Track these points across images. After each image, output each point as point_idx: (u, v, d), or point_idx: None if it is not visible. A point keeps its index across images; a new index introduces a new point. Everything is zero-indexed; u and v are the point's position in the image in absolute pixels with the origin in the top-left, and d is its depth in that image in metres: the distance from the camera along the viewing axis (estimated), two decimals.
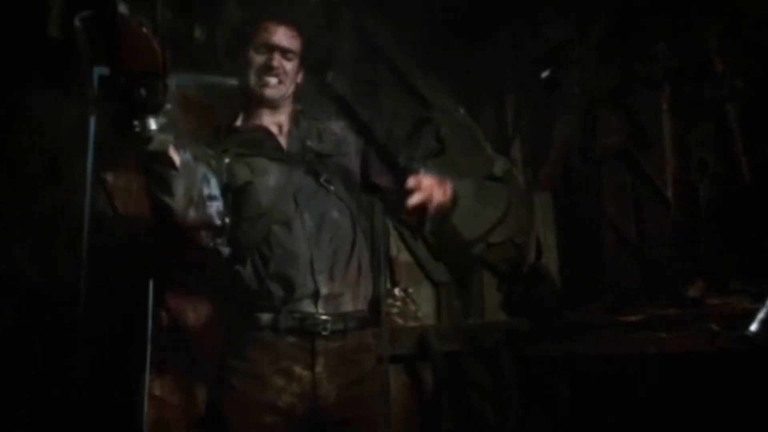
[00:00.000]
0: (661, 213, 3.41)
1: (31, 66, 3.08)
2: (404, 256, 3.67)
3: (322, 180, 1.96)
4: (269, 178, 1.95)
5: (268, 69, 2.00)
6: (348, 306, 1.91)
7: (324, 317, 1.86)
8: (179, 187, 1.71)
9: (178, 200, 1.73)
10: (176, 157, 1.66)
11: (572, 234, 3.83)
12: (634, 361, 2.85)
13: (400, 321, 3.52)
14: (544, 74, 3.87)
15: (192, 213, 1.78)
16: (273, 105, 2.06)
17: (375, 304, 3.45)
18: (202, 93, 3.36)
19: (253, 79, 2.02)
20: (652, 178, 3.43)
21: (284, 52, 2.03)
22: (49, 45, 2.68)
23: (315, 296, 1.87)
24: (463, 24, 3.80)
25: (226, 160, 1.94)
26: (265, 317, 1.89)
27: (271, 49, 2.01)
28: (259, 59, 2.02)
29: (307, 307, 1.87)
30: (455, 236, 3.66)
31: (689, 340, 2.68)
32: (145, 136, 1.46)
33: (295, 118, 2.10)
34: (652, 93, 3.42)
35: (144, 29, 1.41)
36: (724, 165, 3.19)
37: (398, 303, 3.54)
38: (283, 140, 2.05)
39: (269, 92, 2.02)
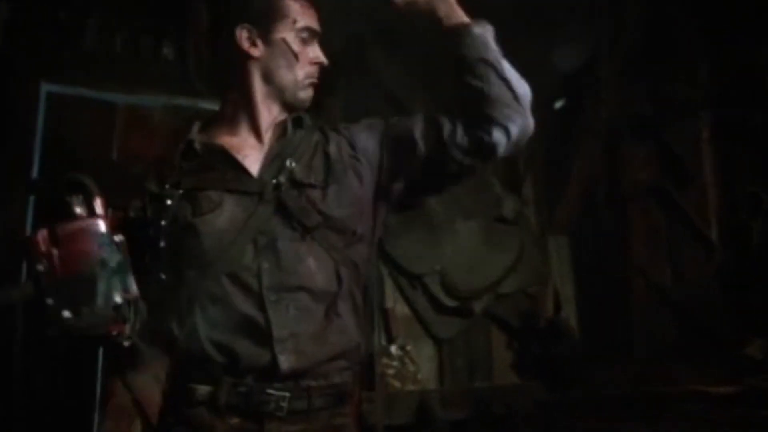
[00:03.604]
0: (703, 257, 3.08)
1: None
2: (401, 309, 3.42)
3: (294, 223, 1.47)
4: (219, 217, 1.49)
5: (319, 64, 1.57)
6: (318, 379, 1.47)
7: (280, 393, 1.42)
8: None
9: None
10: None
11: (594, 283, 3.53)
12: None
13: (397, 384, 3.27)
14: (558, 104, 3.59)
15: None
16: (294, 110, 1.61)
17: (368, 364, 3.22)
18: (170, 115, 3.14)
19: (300, 78, 1.55)
20: (691, 217, 3.11)
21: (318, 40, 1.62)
22: None
23: (270, 371, 1.42)
24: None
25: (168, 202, 1.50)
26: (202, 390, 1.44)
27: (315, 37, 1.58)
28: (305, 50, 1.56)
29: (258, 379, 1.43)
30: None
31: None
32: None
33: (282, 127, 1.60)
34: (689, 120, 3.11)
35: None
36: None
37: (395, 363, 3.30)
38: (255, 160, 1.56)
39: (310, 96, 1.58)
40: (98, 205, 1.26)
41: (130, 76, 3.11)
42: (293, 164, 1.52)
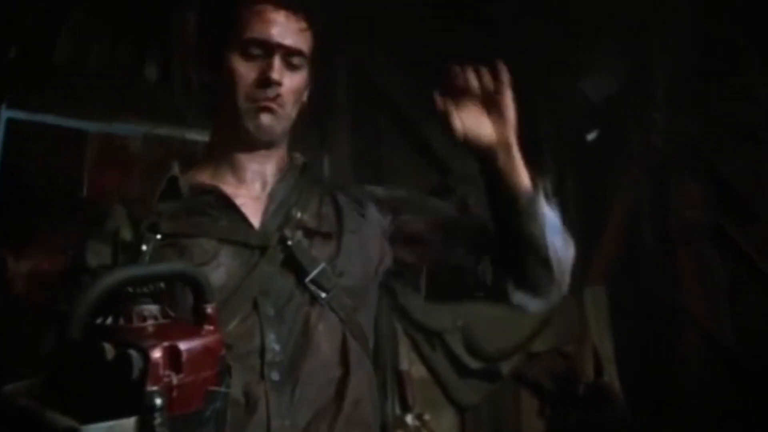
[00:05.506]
0: None
1: None
2: (418, 371, 3.23)
3: (308, 280, 1.30)
4: (214, 271, 1.27)
5: (265, 83, 1.33)
6: None
7: None
8: None
9: None
10: None
11: (638, 340, 3.29)
12: None
13: None
14: (591, 136, 3.55)
15: None
16: (266, 146, 1.40)
17: None
18: (152, 146, 2.92)
19: (242, 104, 1.34)
20: (755, 261, 2.88)
21: (290, 54, 1.35)
22: None
23: None
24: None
25: (143, 248, 1.27)
26: None
27: (270, 49, 1.34)
28: (249, 68, 1.34)
29: None
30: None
31: None
32: None
33: (283, 171, 1.43)
34: (749, 149, 2.91)
35: None
36: None
37: None
38: (254, 208, 1.37)
39: (266, 123, 1.35)
40: (214, 312, 0.90)
41: (105, 100, 2.81)
42: (300, 214, 1.37)
